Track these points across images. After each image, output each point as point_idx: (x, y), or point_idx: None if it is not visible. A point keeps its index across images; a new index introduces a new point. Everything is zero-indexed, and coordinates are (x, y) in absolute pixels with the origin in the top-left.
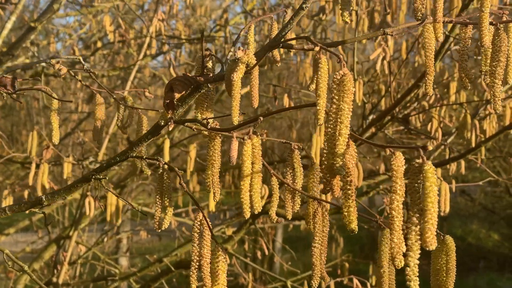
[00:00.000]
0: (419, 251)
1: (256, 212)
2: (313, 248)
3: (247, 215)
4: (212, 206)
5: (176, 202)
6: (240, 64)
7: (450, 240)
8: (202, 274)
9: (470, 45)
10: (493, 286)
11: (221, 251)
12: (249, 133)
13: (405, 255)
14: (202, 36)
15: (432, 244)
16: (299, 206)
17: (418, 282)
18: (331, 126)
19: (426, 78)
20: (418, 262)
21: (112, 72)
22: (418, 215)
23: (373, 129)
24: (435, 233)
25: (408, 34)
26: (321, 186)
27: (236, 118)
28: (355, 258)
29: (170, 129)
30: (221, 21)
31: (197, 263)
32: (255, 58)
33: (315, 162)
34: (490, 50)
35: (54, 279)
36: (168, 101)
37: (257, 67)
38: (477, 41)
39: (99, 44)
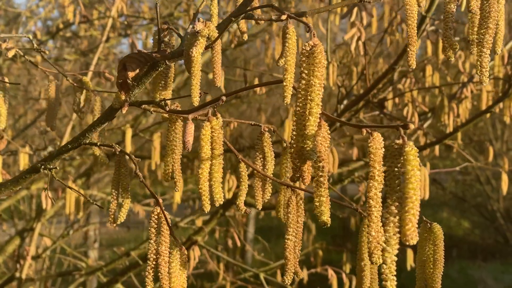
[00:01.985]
0: (398, 246)
1: (217, 204)
2: (286, 241)
3: (207, 208)
4: (178, 198)
5: (144, 191)
6: (200, 37)
7: (437, 228)
8: (159, 274)
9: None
10: (464, 274)
11: (180, 249)
12: (207, 114)
13: (381, 250)
14: (157, 6)
15: (413, 238)
16: (270, 194)
17: (396, 282)
18: (301, 104)
19: (408, 49)
20: (395, 258)
21: (74, 56)
22: (397, 203)
23: (346, 115)
24: (417, 225)
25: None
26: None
27: (197, 99)
28: (328, 246)
29: (124, 112)
30: None
31: (154, 262)
32: (217, 31)
33: (287, 146)
34: (478, 17)
35: (17, 274)
36: (121, 80)
37: (219, 41)
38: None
39: (61, 26)
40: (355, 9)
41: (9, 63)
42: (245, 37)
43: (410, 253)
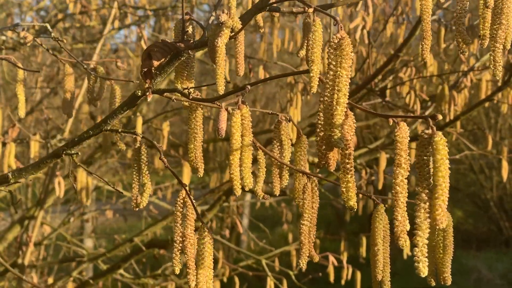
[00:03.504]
0: (429, 230)
1: (246, 189)
2: (301, 226)
3: (238, 191)
4: (186, 176)
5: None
6: (224, 28)
7: (448, 215)
8: (185, 256)
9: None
10: (457, 263)
11: (207, 231)
12: (238, 102)
13: (412, 234)
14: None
15: (443, 222)
16: (287, 181)
17: (427, 263)
18: (328, 94)
19: (423, 43)
20: (427, 241)
21: (76, 45)
22: (427, 191)
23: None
24: (446, 210)
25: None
26: (315, 159)
27: (222, 87)
28: (325, 235)
29: (149, 99)
30: None
31: (180, 245)
32: (240, 22)
33: (302, 134)
34: (489, 13)
35: (20, 261)
36: (145, 69)
37: (242, 32)
38: (454, 12)
39: (59, 16)
40: None
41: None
42: (262, 31)
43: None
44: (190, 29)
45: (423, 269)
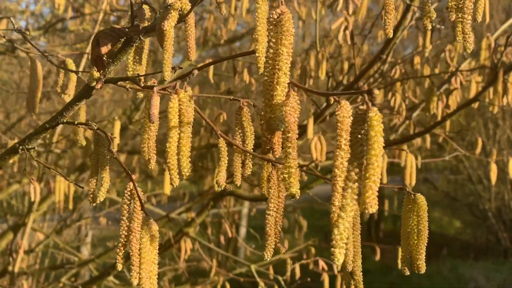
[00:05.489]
0: (353, 213)
1: (184, 177)
2: (267, 216)
3: (176, 182)
4: (167, 189)
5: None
6: (172, 11)
7: (421, 199)
8: (130, 251)
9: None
10: (455, 273)
11: (152, 224)
12: (175, 87)
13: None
14: None
15: (373, 206)
16: (250, 170)
17: (345, 251)
18: (268, 74)
19: (385, 17)
20: (348, 226)
21: (65, 50)
22: (357, 170)
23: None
24: (377, 193)
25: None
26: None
27: (168, 73)
28: (321, 243)
29: (98, 87)
30: None
31: (125, 239)
32: (189, 4)
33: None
34: None
35: (10, 268)
36: (95, 57)
37: (192, 15)
38: (440, 11)
39: (52, 20)
40: None
41: (0, 59)
42: (223, 10)
43: (401, 252)
44: (145, 14)
45: (339, 256)
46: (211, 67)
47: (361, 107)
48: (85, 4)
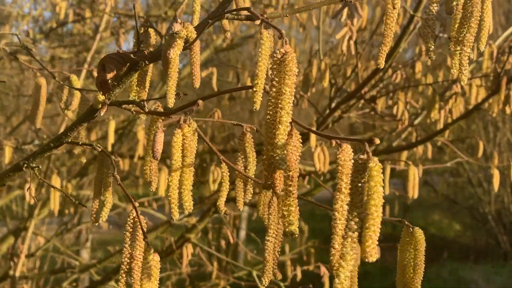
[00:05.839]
0: (353, 262)
1: (186, 212)
2: (266, 242)
3: (176, 216)
4: (162, 190)
5: (137, 192)
6: (177, 39)
7: (419, 233)
8: (132, 278)
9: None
10: (455, 276)
11: (153, 254)
12: (179, 121)
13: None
14: (134, 6)
15: (373, 255)
16: (251, 195)
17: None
18: (271, 113)
19: (380, 48)
20: (348, 274)
21: (68, 54)
22: (357, 219)
23: (339, 112)
24: (377, 242)
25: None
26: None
27: (172, 100)
28: (321, 245)
29: (102, 113)
30: None
31: (127, 266)
32: (195, 32)
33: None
34: (460, 15)
35: (11, 272)
36: (100, 81)
37: (198, 42)
38: (443, 19)
39: (54, 25)
40: (346, 9)
41: (0, 63)
42: (228, 35)
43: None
44: (152, 39)
45: None
46: (215, 74)
47: (361, 156)
48: (91, 5)
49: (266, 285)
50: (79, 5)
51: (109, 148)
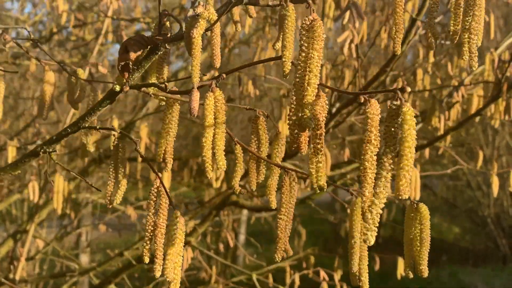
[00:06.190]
0: (385, 200)
1: (220, 169)
2: (278, 220)
3: (210, 174)
4: (166, 180)
5: (136, 194)
6: (200, 20)
7: (424, 208)
8: (154, 244)
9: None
10: (455, 279)
11: (179, 217)
12: (211, 85)
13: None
14: None
15: (406, 193)
16: (263, 176)
17: (376, 234)
18: (300, 76)
19: (395, 36)
20: (381, 211)
21: (68, 59)
22: (391, 161)
23: (338, 118)
24: (409, 182)
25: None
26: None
27: (197, 79)
28: (320, 251)
29: (126, 90)
30: None
31: (151, 234)
32: (216, 14)
33: (280, 131)
34: (461, 9)
35: (11, 275)
36: (123, 63)
37: (218, 24)
38: (444, 26)
39: (54, 29)
40: (348, 12)
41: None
42: (239, 27)
43: (400, 262)
44: (167, 24)
45: (371, 238)
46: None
47: (395, 102)
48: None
49: (279, 260)
50: (79, 10)
51: (115, 141)
